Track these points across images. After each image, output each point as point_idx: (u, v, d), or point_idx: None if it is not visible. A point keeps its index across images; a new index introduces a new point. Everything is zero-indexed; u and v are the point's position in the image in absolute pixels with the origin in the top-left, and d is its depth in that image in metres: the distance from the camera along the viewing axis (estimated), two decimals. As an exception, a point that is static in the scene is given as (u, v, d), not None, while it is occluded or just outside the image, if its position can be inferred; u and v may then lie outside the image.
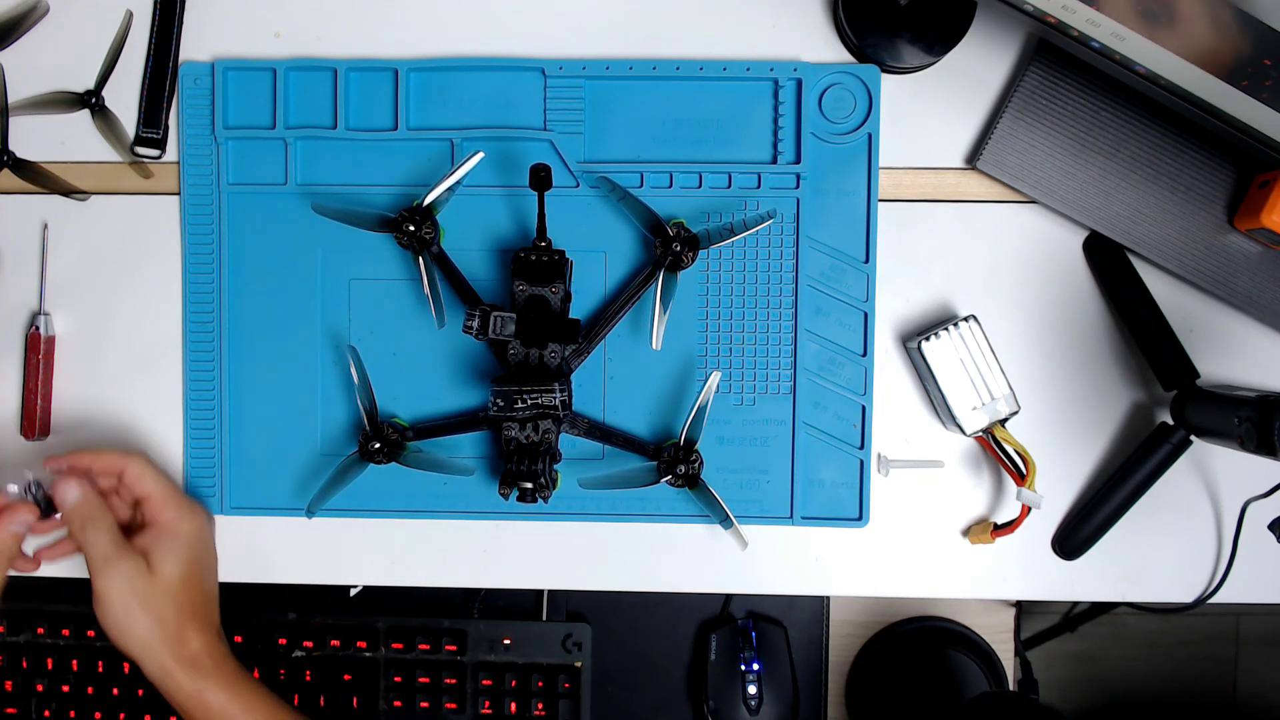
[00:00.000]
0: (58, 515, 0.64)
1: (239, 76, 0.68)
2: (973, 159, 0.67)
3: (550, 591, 0.79)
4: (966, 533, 0.68)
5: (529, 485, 0.61)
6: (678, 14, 0.68)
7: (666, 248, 0.63)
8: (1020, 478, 0.63)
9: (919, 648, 0.80)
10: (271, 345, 0.69)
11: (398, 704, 0.76)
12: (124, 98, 0.69)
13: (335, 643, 0.76)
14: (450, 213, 0.65)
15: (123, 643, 0.62)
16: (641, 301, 0.66)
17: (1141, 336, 0.66)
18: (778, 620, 0.80)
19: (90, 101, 0.69)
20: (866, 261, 0.67)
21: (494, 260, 0.68)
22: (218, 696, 0.63)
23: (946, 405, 0.64)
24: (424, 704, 0.76)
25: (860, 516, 0.68)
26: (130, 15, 0.69)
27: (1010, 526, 0.64)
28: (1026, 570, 0.68)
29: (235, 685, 0.63)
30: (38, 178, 0.69)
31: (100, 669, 0.76)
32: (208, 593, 0.65)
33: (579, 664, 0.76)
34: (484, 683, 0.76)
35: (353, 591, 0.79)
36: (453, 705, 0.76)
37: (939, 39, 0.65)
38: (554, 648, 0.76)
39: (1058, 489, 0.68)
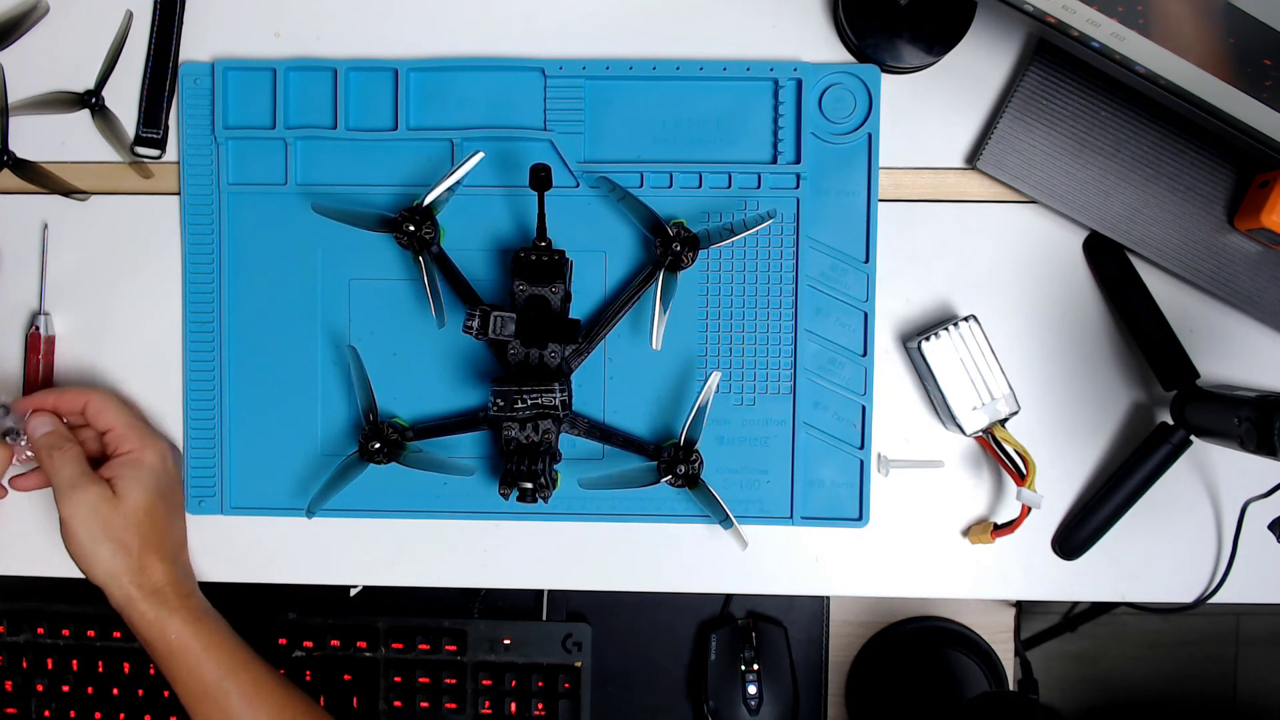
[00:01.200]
0: (23, 441, 0.65)
1: (239, 76, 0.68)
2: (973, 159, 0.67)
3: (550, 591, 0.79)
4: (966, 533, 0.68)
5: (529, 485, 0.61)
6: (678, 14, 0.68)
7: (666, 248, 0.63)
8: (1020, 478, 0.63)
9: (919, 648, 0.80)
10: (271, 345, 0.69)
11: (398, 704, 0.76)
12: (124, 98, 0.69)
13: (335, 643, 0.76)
14: (450, 213, 0.65)
15: (88, 569, 0.63)
16: (641, 301, 0.66)
17: (1141, 336, 0.66)
18: (778, 620, 0.80)
19: (90, 101, 0.69)
20: (866, 261, 0.67)
21: (494, 260, 0.68)
22: (179, 629, 0.63)
23: (946, 405, 0.64)
24: (424, 704, 0.76)
25: (860, 516, 0.68)
26: (130, 15, 0.69)
27: (1010, 526, 0.64)
28: (1026, 570, 0.68)
29: (198, 621, 0.64)
30: (38, 178, 0.69)
31: (100, 669, 0.76)
32: (172, 523, 0.66)
33: (579, 664, 0.76)
34: (484, 683, 0.76)
35: (353, 591, 0.79)
36: (453, 705, 0.76)
37: (939, 39, 0.65)
38: (554, 648, 0.76)
39: (1058, 489, 0.68)
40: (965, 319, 0.64)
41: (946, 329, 0.64)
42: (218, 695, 0.63)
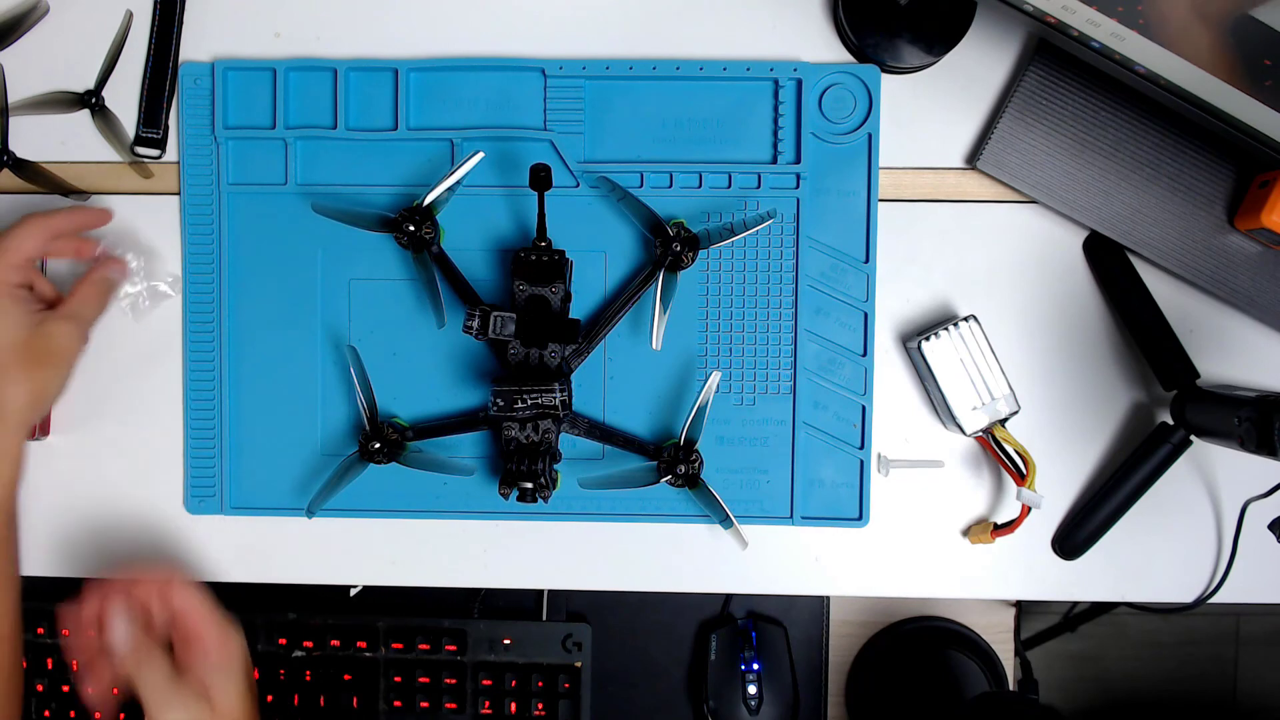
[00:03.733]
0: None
1: (239, 76, 0.68)
2: (973, 159, 0.67)
3: (550, 591, 0.79)
4: (966, 533, 0.68)
5: (529, 485, 0.61)
6: (677, 14, 0.68)
7: (666, 248, 0.63)
8: (1020, 478, 0.63)
9: (919, 648, 0.80)
10: (271, 345, 0.69)
11: (398, 704, 0.76)
12: (124, 98, 0.69)
13: (335, 643, 0.76)
14: (450, 213, 0.65)
15: None
16: (641, 301, 0.66)
17: (1141, 336, 0.66)
18: (778, 620, 0.80)
19: (90, 101, 0.69)
20: (866, 261, 0.67)
21: (494, 260, 0.68)
22: None
23: (946, 405, 0.64)
24: (424, 704, 0.76)
25: (860, 516, 0.68)
26: (130, 15, 0.69)
27: (1010, 526, 0.64)
28: (1026, 570, 0.68)
29: None
30: (38, 178, 0.69)
31: (100, 669, 0.76)
32: (258, 712, 0.65)
33: (579, 664, 0.76)
34: (484, 683, 0.76)
35: (353, 591, 0.79)
36: (453, 705, 0.76)
37: (939, 39, 0.65)
38: (554, 648, 0.76)
39: (1058, 489, 0.68)
40: (965, 319, 0.64)
41: (946, 329, 0.64)
42: None
